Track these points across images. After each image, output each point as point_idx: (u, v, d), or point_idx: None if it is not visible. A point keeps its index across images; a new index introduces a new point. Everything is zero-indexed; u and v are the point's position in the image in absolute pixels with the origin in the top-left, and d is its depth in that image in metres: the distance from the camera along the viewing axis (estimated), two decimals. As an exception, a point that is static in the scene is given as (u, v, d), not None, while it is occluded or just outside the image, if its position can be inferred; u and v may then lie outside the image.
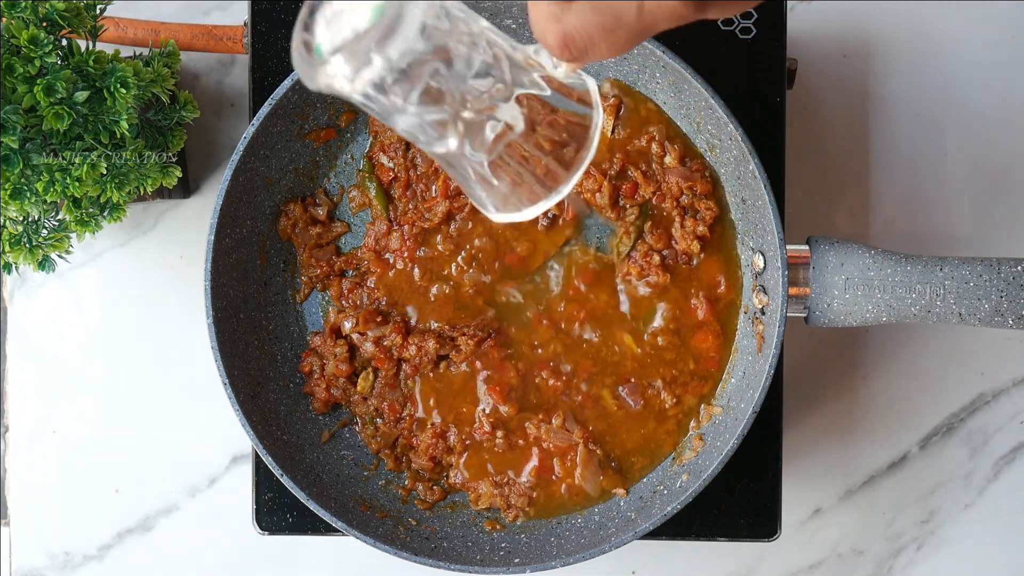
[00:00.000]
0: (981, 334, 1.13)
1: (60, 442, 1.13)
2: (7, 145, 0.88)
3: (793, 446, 1.12)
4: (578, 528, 1.00)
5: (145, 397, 1.13)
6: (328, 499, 0.97)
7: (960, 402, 1.13)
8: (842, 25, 1.12)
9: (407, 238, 1.01)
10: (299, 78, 0.94)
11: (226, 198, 0.95)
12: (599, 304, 1.01)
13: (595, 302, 1.01)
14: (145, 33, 1.04)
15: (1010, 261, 0.93)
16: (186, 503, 1.13)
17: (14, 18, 0.88)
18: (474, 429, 1.01)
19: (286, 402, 1.01)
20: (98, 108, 0.90)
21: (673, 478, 0.99)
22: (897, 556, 1.13)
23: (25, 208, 0.92)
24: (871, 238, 1.12)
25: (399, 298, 1.02)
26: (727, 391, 1.00)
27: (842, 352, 1.13)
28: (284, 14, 1.03)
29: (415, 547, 0.97)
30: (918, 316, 0.94)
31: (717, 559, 1.13)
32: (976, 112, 1.13)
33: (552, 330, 1.01)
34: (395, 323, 1.01)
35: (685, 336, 1.00)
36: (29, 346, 1.13)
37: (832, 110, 1.13)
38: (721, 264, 1.00)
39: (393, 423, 1.02)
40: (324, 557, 1.13)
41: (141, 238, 1.13)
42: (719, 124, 0.95)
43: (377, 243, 1.02)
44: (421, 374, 1.01)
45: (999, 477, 1.13)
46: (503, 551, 0.98)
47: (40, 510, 1.13)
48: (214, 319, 0.96)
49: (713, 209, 1.00)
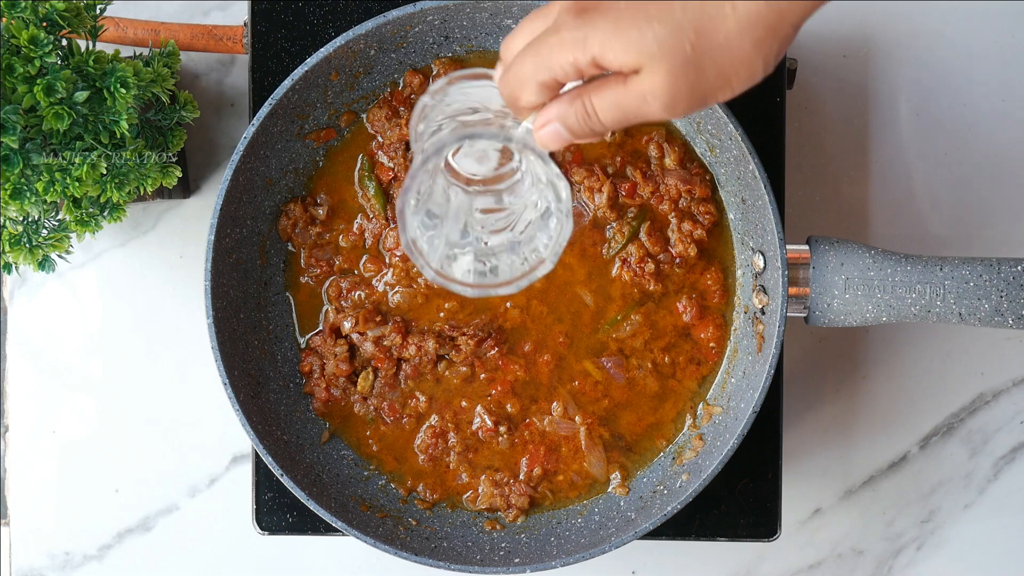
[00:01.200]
0: (981, 334, 1.12)
1: (60, 442, 1.13)
2: (7, 145, 0.88)
3: (793, 446, 1.12)
4: (578, 528, 1.00)
5: (145, 397, 1.13)
6: (328, 499, 0.97)
7: (960, 402, 1.13)
8: (842, 25, 1.12)
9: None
10: (299, 78, 0.94)
11: (226, 198, 0.95)
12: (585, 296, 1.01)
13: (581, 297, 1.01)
14: (145, 33, 1.04)
15: (1010, 261, 0.93)
16: (186, 503, 1.13)
17: (14, 18, 0.88)
18: (478, 428, 1.01)
19: (286, 402, 1.01)
20: (98, 108, 0.90)
21: (673, 478, 0.99)
22: (897, 556, 1.13)
23: (25, 208, 0.92)
24: (871, 238, 1.12)
25: (399, 300, 1.02)
26: (727, 391, 1.00)
27: (842, 352, 1.13)
28: (284, 14, 1.03)
29: (415, 547, 0.97)
30: (918, 316, 0.94)
31: (717, 559, 1.13)
32: (976, 112, 1.13)
33: (547, 317, 1.01)
34: (395, 323, 1.01)
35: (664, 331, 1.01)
36: (29, 346, 1.13)
37: (832, 110, 1.13)
38: (717, 272, 1.01)
39: (393, 423, 1.02)
40: (324, 557, 1.13)
41: (141, 238, 1.13)
42: (719, 124, 0.95)
43: (376, 242, 1.02)
44: (420, 374, 1.01)
45: (999, 477, 1.13)
46: (503, 551, 0.98)
47: (40, 510, 1.13)
48: (214, 319, 0.95)
49: (712, 214, 1.00)
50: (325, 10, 1.03)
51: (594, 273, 1.01)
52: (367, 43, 0.96)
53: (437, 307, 1.01)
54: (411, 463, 1.02)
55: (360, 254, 1.03)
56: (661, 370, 1.01)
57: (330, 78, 0.98)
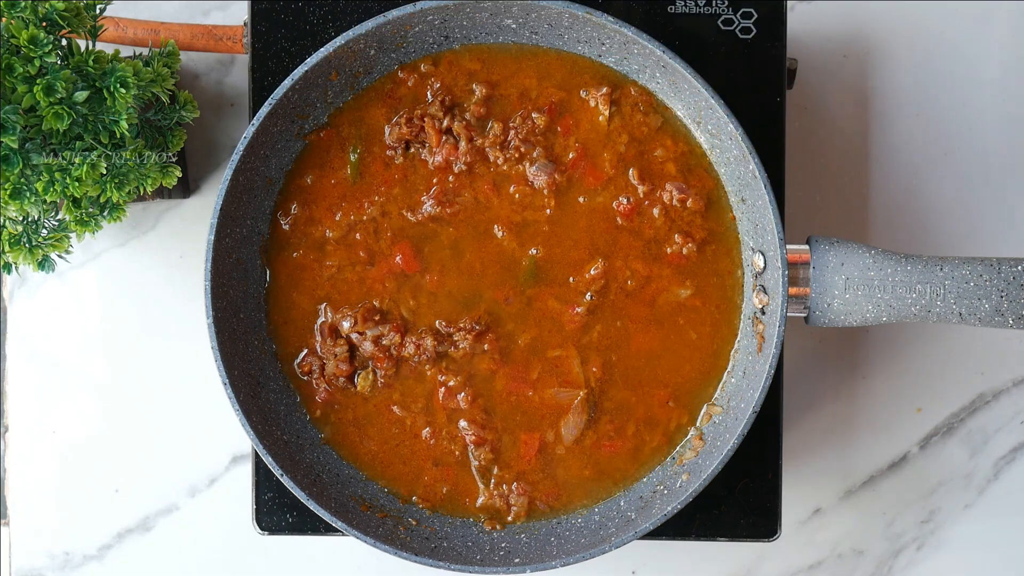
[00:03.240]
0: (981, 334, 1.13)
1: (60, 442, 1.13)
2: (7, 145, 0.88)
3: (793, 446, 1.12)
4: (578, 528, 1.00)
5: (145, 397, 1.13)
6: (328, 499, 0.97)
7: (960, 402, 1.13)
8: (842, 25, 1.12)
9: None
10: (299, 78, 0.94)
11: (226, 198, 0.95)
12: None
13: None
14: (145, 33, 1.04)
15: (1010, 261, 0.93)
16: (186, 503, 1.13)
17: (14, 18, 0.88)
18: (471, 430, 1.01)
19: (286, 402, 1.01)
20: (98, 108, 0.90)
21: (673, 478, 0.99)
22: (897, 556, 1.13)
23: (25, 208, 0.92)
24: (871, 238, 1.12)
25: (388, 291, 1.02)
26: (727, 391, 1.00)
27: (842, 352, 1.13)
28: (284, 14, 1.03)
29: (415, 547, 0.97)
30: (918, 316, 0.94)
31: (717, 559, 1.13)
32: (976, 112, 1.13)
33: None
34: (394, 323, 1.01)
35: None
36: (29, 346, 1.13)
37: (832, 110, 1.13)
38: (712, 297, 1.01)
39: (393, 422, 1.02)
40: (324, 557, 1.13)
41: (141, 238, 1.13)
42: (719, 124, 0.95)
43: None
44: (420, 373, 1.01)
45: (999, 477, 1.13)
46: (503, 551, 0.98)
47: (40, 510, 1.13)
48: (214, 319, 0.95)
49: (702, 231, 1.00)
50: (325, 10, 1.03)
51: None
52: (367, 43, 0.96)
53: (432, 305, 1.01)
54: (411, 463, 1.02)
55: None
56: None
57: (330, 78, 0.98)
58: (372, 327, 1.01)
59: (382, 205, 1.01)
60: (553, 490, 1.01)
